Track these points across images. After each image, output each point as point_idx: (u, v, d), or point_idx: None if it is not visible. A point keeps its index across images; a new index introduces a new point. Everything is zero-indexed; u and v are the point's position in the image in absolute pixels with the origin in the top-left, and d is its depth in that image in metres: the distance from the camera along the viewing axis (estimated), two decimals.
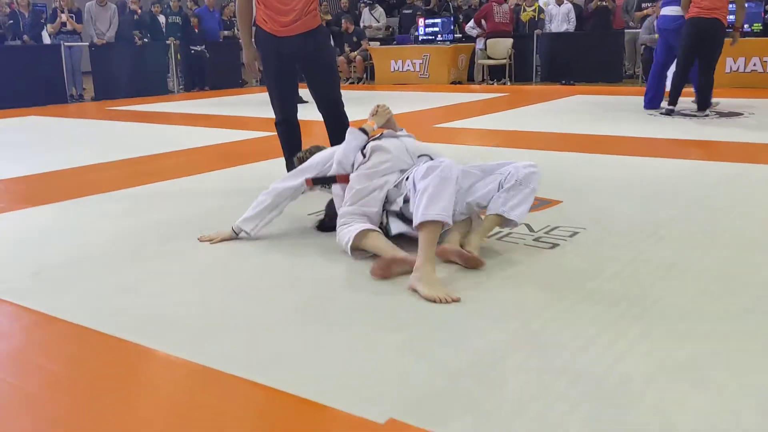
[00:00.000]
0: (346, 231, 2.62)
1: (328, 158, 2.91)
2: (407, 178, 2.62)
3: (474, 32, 12.17)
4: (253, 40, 3.72)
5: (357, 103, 9.29)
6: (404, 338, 1.95)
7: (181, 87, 12.16)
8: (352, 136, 2.86)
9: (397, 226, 2.67)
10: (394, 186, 2.69)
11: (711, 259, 2.54)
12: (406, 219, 2.65)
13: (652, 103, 7.29)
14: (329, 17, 14.04)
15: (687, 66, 6.68)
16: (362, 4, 15.02)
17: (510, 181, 2.64)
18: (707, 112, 6.73)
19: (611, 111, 7.44)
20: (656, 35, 7.60)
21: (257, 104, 9.18)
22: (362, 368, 1.78)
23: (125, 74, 10.92)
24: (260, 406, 1.64)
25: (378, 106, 2.99)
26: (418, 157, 2.80)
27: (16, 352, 1.98)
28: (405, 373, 1.75)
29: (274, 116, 3.93)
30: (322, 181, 2.85)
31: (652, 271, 2.44)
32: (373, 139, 2.85)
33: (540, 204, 3.39)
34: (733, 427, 1.46)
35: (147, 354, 1.92)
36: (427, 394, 1.64)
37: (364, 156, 2.78)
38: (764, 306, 2.10)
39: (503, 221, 2.65)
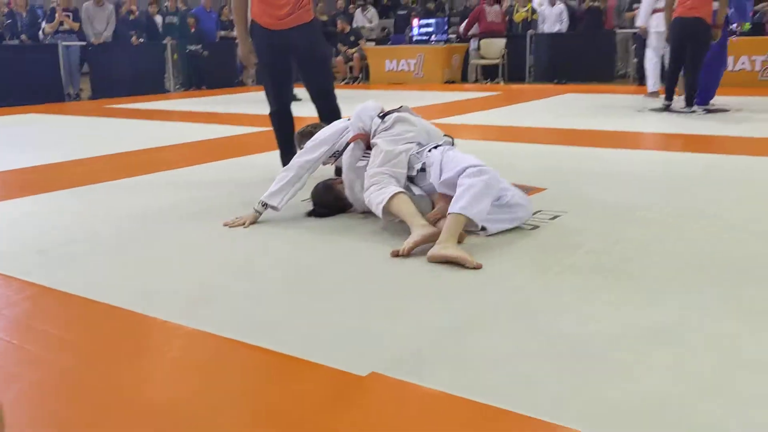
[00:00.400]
0: (378, 192, 2.73)
1: (341, 130, 3.07)
2: (429, 150, 2.84)
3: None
4: (248, 33, 3.85)
5: (354, 102, 9.43)
6: (389, 305, 2.08)
7: (178, 86, 12.27)
8: (367, 103, 3.07)
9: (416, 189, 2.86)
10: (416, 153, 2.87)
11: (683, 240, 2.66)
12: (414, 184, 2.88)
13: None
14: (325, 18, 14.18)
15: (677, 64, 6.88)
16: (354, 6, 15.16)
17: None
18: (694, 108, 6.87)
19: (601, 108, 7.58)
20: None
21: (253, 102, 9.30)
22: (348, 330, 1.91)
23: (122, 74, 11.02)
24: (250, 364, 1.76)
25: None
26: (443, 136, 3.02)
27: (22, 318, 2.09)
28: (388, 334, 1.87)
29: (269, 110, 4.04)
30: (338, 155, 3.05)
31: (627, 248, 2.56)
32: (394, 111, 3.01)
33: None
34: (691, 379, 1.59)
35: (145, 320, 2.04)
36: (408, 351, 1.76)
37: (384, 122, 2.94)
38: (729, 279, 2.22)
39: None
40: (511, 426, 1.43)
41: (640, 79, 9.91)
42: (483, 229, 2.69)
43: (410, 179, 2.89)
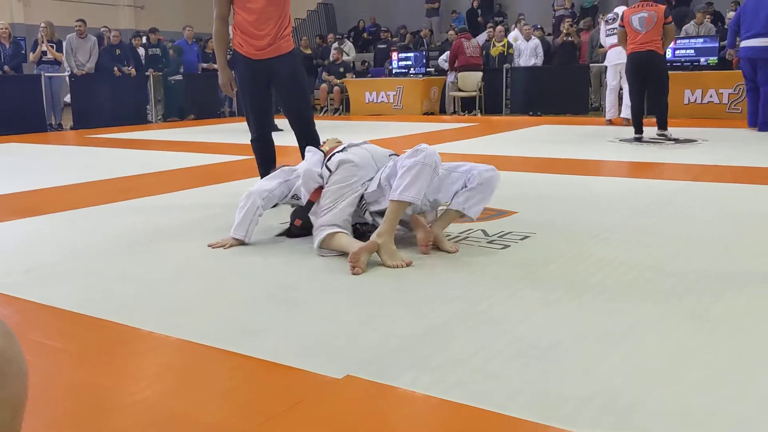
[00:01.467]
0: (316, 234, 2.90)
1: (294, 168, 3.21)
2: (379, 180, 2.93)
3: (445, 66, 12.65)
4: (227, 62, 4.00)
5: (335, 133, 9.59)
6: (362, 313, 2.21)
7: (159, 117, 12.38)
8: (311, 152, 3.15)
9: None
10: (377, 188, 2.92)
11: (646, 256, 2.81)
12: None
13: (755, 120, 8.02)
14: (309, 51, 14.45)
15: (639, 97, 7.29)
16: (332, 38, 15.45)
17: (473, 182, 2.96)
18: (668, 131, 7.25)
19: (574, 138, 7.81)
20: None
21: (233, 132, 9.44)
22: (323, 336, 2.02)
23: (104, 104, 11.12)
24: (229, 368, 1.85)
25: (326, 139, 3.31)
26: (389, 156, 3.10)
27: (14, 330, 2.17)
28: (361, 339, 1.99)
29: (249, 140, 4.14)
30: (303, 215, 3.08)
31: (592, 264, 2.71)
32: (338, 151, 3.06)
33: (496, 214, 3.67)
34: (638, 374, 1.72)
35: (130, 331, 2.13)
36: (380, 355, 1.87)
37: (329, 170, 2.99)
38: (683, 290, 2.37)
39: (460, 215, 3.00)
40: (474, 419, 1.55)
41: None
42: (463, 216, 2.98)
43: (380, 214, 2.93)
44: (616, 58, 8.95)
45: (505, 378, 1.72)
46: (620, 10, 8.57)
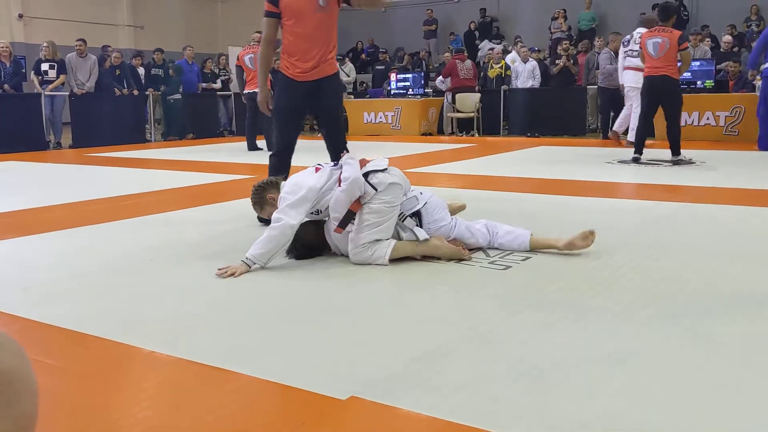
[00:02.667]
0: (378, 249, 3.03)
1: (319, 188, 3.08)
2: (416, 201, 3.22)
3: (443, 86, 12.71)
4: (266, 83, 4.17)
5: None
6: (364, 334, 2.20)
7: (159, 137, 12.41)
8: (352, 160, 3.14)
9: (422, 233, 3.15)
10: (406, 219, 3.17)
11: (647, 278, 2.82)
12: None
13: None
14: None
15: (647, 120, 7.34)
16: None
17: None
18: (681, 156, 7.26)
19: (572, 160, 7.84)
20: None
21: (232, 151, 9.47)
22: (325, 357, 2.01)
23: (104, 123, 11.15)
24: (231, 389, 1.84)
25: (343, 154, 3.33)
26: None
27: None
28: (364, 360, 1.98)
29: (251, 160, 4.17)
30: (346, 222, 3.07)
31: (592, 286, 2.71)
32: (376, 170, 3.11)
33: None
34: (641, 397, 1.71)
35: (129, 350, 2.12)
36: (383, 376, 1.87)
37: (374, 188, 3.04)
38: (683, 312, 2.37)
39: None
40: None
41: (604, 132, 10.50)
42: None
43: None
44: (633, 81, 8.91)
45: (507, 400, 1.71)
46: (637, 33, 8.62)
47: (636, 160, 7.31)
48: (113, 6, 19.84)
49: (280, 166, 4.07)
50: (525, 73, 12.49)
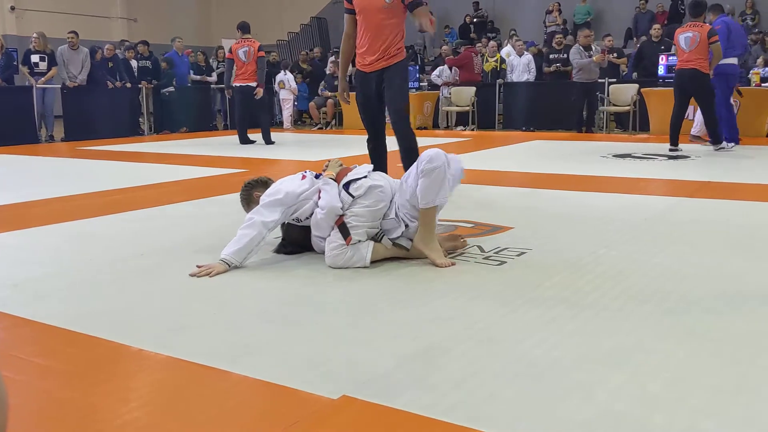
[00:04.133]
0: (358, 252, 2.92)
1: (298, 194, 3.02)
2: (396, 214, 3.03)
3: (438, 80, 12.66)
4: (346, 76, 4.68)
5: (328, 146, 9.58)
6: (357, 333, 2.17)
7: (152, 130, 12.33)
8: (328, 186, 3.03)
9: (406, 242, 3.06)
10: (394, 217, 3.03)
11: (644, 274, 2.79)
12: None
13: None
14: (309, 68, 14.50)
15: (679, 112, 7.67)
16: (331, 53, 15.49)
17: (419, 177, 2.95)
18: (722, 144, 7.61)
19: (567, 154, 7.82)
20: None
21: (225, 145, 9.42)
22: (318, 356, 1.98)
23: (96, 117, 11.07)
24: (223, 388, 1.81)
25: (328, 160, 3.24)
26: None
27: (0, 347, 2.12)
28: (357, 359, 1.94)
29: (243, 154, 4.18)
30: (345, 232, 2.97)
31: (590, 281, 2.68)
32: (356, 178, 3.03)
33: (492, 230, 3.64)
34: (640, 396, 1.68)
35: (120, 348, 2.08)
36: (376, 375, 1.83)
37: (352, 196, 2.96)
38: (682, 309, 2.34)
39: (428, 209, 2.96)
40: None
41: (578, 126, 10.77)
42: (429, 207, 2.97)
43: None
44: None
45: (504, 399, 1.68)
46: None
47: (673, 151, 7.58)
48: None
49: (375, 153, 4.55)
50: (520, 67, 12.46)
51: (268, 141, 9.52)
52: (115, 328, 2.22)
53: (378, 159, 4.54)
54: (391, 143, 4.53)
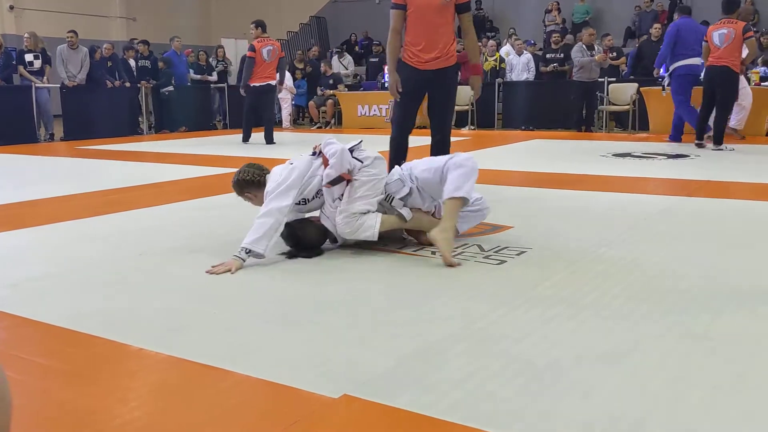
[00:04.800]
0: (367, 220, 3.06)
1: (303, 174, 3.11)
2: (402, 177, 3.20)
3: None
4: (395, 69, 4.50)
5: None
6: (357, 332, 2.17)
7: (151, 129, 12.33)
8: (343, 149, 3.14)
9: (407, 211, 3.18)
10: (396, 179, 3.19)
11: (642, 273, 2.79)
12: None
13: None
14: (302, 65, 14.49)
15: (707, 107, 7.79)
16: (332, 52, 15.50)
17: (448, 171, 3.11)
18: (722, 146, 7.61)
19: (567, 153, 7.82)
20: None
21: (225, 144, 9.42)
22: (318, 355, 1.98)
23: (96, 116, 11.07)
24: (224, 388, 1.81)
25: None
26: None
27: (1, 347, 2.13)
28: (357, 358, 1.95)
29: (244, 153, 4.16)
30: (337, 182, 3.10)
31: (589, 281, 2.68)
32: (359, 144, 3.21)
33: (492, 229, 3.64)
34: (639, 395, 1.69)
35: (121, 348, 2.08)
36: (376, 374, 1.84)
37: (360, 161, 3.12)
38: (681, 308, 2.34)
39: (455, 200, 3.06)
40: None
41: (578, 125, 10.73)
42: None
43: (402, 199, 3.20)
44: None
45: (504, 399, 1.68)
46: None
47: (699, 146, 7.77)
48: None
49: (397, 151, 4.49)
50: (519, 66, 12.46)
51: (270, 141, 9.49)
52: (116, 328, 2.23)
53: (400, 156, 4.47)
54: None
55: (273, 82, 9.26)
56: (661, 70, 9.55)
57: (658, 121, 10.32)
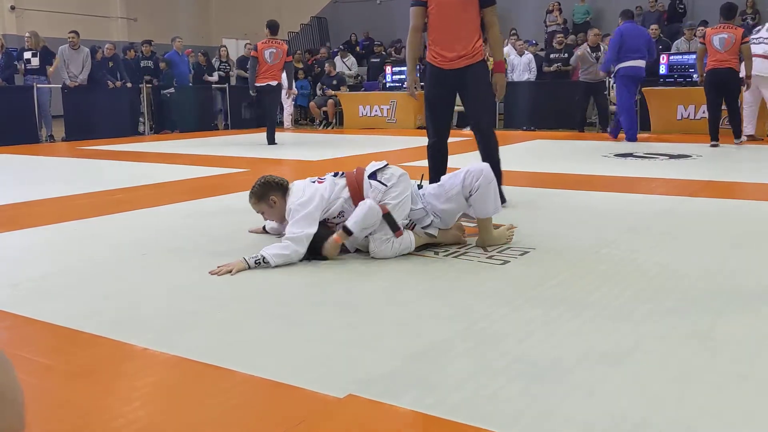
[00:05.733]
0: (403, 240, 3.06)
1: (326, 200, 3.07)
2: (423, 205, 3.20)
3: None
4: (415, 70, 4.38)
5: (328, 146, 9.58)
6: (360, 332, 2.17)
7: (152, 130, 12.33)
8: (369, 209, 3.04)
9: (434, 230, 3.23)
10: (420, 207, 3.18)
11: (644, 273, 2.79)
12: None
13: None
14: (300, 65, 14.49)
15: (716, 108, 8.13)
16: (334, 52, 15.50)
17: (474, 190, 3.14)
18: (742, 138, 8.30)
19: (569, 154, 7.82)
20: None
21: (226, 145, 9.42)
22: (321, 355, 1.98)
23: (97, 116, 11.07)
24: (227, 387, 1.81)
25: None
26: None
27: (1, 346, 2.12)
28: (361, 358, 1.95)
29: (246, 153, 4.14)
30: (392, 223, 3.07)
31: (592, 281, 2.68)
32: (384, 167, 3.17)
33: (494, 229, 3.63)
34: (642, 395, 1.69)
35: (122, 347, 2.08)
36: (380, 374, 1.83)
37: (384, 184, 3.08)
38: (683, 308, 2.34)
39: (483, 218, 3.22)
40: None
41: (580, 126, 10.82)
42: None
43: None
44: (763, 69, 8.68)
45: (507, 398, 1.68)
46: None
47: (715, 146, 8.01)
48: None
49: (436, 158, 4.30)
50: (521, 66, 12.45)
51: (272, 141, 9.49)
52: (118, 328, 2.22)
53: (440, 163, 4.33)
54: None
55: (274, 83, 9.25)
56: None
57: (659, 121, 10.33)
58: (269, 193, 3.17)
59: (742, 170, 6.06)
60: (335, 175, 3.22)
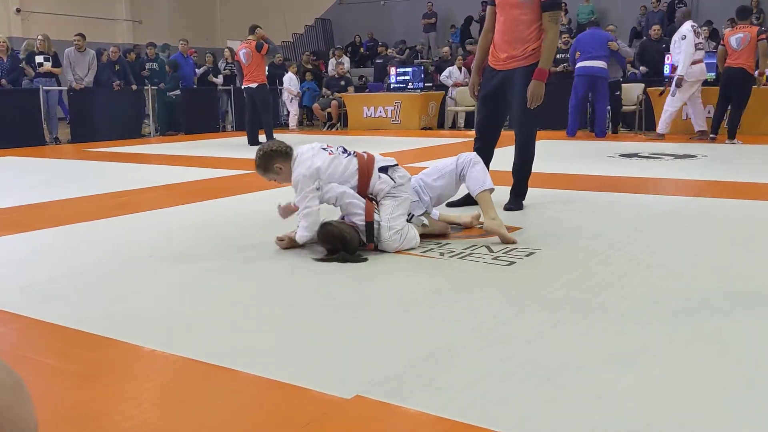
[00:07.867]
0: (408, 233, 3.21)
1: (345, 167, 3.22)
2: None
3: (448, 81, 12.67)
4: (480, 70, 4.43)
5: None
6: (367, 333, 2.17)
7: (157, 132, 12.36)
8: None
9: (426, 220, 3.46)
10: (416, 200, 3.39)
11: (651, 274, 2.78)
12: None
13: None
14: (310, 66, 14.53)
15: (723, 105, 8.61)
16: (332, 52, 15.51)
17: (465, 170, 3.43)
18: (735, 140, 8.46)
19: (573, 153, 7.81)
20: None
21: (232, 146, 9.44)
22: (329, 356, 1.98)
23: (102, 119, 11.11)
24: (235, 388, 1.81)
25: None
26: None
27: (10, 348, 2.13)
28: (369, 359, 1.95)
29: (250, 155, 4.13)
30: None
31: (598, 282, 2.68)
32: (394, 165, 3.30)
33: None
34: (650, 397, 1.68)
35: (129, 348, 2.09)
36: (388, 376, 1.84)
37: (394, 180, 3.21)
38: (690, 310, 2.34)
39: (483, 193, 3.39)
40: None
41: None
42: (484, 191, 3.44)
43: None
44: (699, 74, 9.18)
45: (515, 400, 1.68)
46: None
47: (713, 140, 8.72)
48: (111, 0, 19.77)
49: (481, 153, 4.19)
50: None
51: (252, 143, 9.51)
52: (126, 329, 2.23)
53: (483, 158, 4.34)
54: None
55: (253, 85, 9.33)
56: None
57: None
58: (272, 162, 3.24)
59: (748, 170, 6.04)
60: (345, 152, 3.27)
